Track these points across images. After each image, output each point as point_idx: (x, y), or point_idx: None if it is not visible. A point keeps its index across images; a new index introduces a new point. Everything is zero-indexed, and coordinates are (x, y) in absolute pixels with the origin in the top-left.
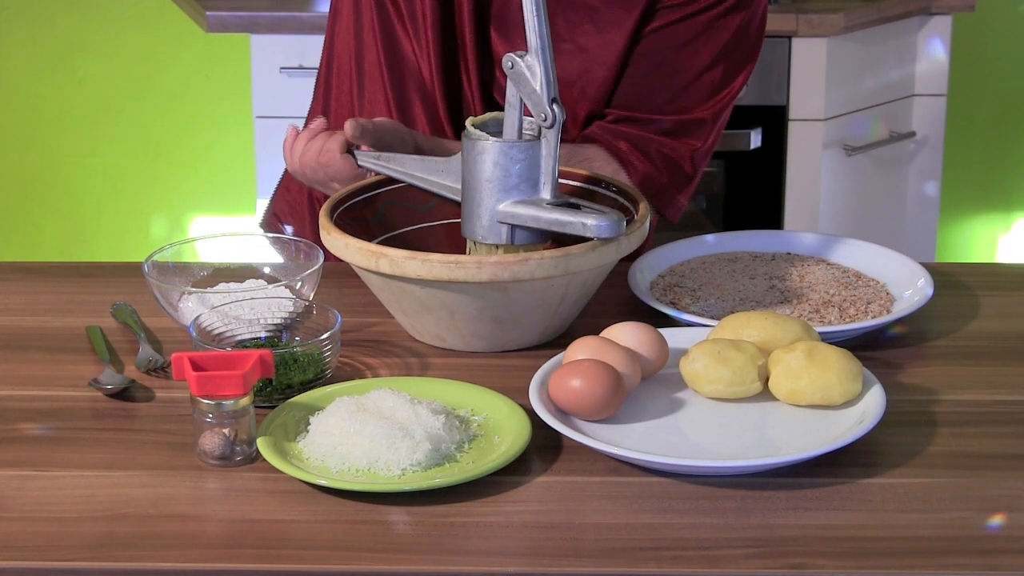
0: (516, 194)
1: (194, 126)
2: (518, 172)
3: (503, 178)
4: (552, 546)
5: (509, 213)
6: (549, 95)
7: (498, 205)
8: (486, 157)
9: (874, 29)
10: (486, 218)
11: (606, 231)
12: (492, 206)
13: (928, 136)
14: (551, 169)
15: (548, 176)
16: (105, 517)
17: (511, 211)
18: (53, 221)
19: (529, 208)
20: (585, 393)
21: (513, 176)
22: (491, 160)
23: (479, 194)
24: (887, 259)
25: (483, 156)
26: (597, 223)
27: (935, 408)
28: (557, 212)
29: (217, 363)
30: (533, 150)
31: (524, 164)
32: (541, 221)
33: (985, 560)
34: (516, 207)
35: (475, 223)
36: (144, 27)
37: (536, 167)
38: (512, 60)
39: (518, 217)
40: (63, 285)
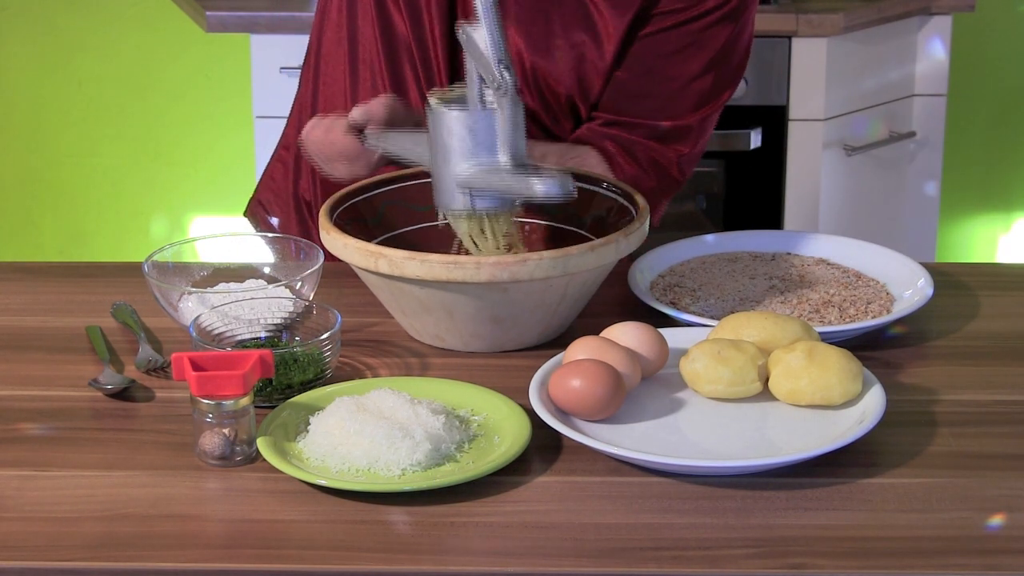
0: (476, 161)
1: (194, 126)
2: (474, 140)
3: (460, 146)
4: (552, 546)
5: (466, 179)
6: (497, 60)
7: (458, 172)
8: (443, 127)
9: (874, 29)
10: (448, 186)
11: (555, 191)
12: (453, 172)
13: (928, 136)
14: (508, 136)
15: (505, 142)
16: (105, 517)
17: (468, 177)
18: (53, 221)
19: (485, 174)
20: (585, 393)
21: (469, 143)
22: (447, 129)
23: (441, 163)
24: (887, 259)
25: (440, 126)
26: (545, 186)
27: (935, 408)
28: (509, 177)
29: (217, 363)
30: (488, 117)
31: (481, 131)
32: (495, 185)
33: (985, 560)
34: (473, 173)
35: (440, 192)
36: (144, 27)
37: (492, 134)
38: (464, 30)
39: (474, 183)
40: (63, 285)
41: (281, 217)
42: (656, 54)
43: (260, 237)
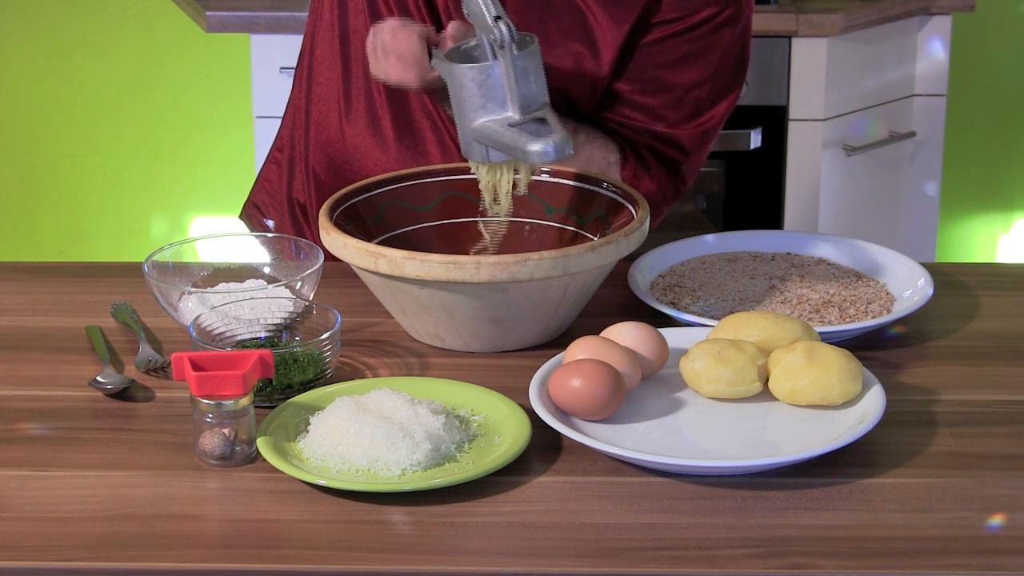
0: (484, 113)
1: (194, 126)
2: (483, 92)
3: (470, 98)
4: (552, 546)
5: (478, 131)
6: (491, 14)
7: (471, 124)
8: (453, 79)
9: (874, 29)
10: (466, 137)
11: (551, 155)
12: (467, 125)
13: (928, 136)
14: (515, 87)
15: (513, 94)
16: (105, 517)
17: (480, 129)
18: (53, 221)
19: (494, 127)
20: (585, 393)
21: (478, 96)
22: (456, 81)
23: (458, 114)
24: (887, 259)
25: (451, 78)
26: (542, 149)
27: (935, 408)
28: (510, 134)
29: (217, 363)
30: (493, 70)
31: (488, 83)
32: (499, 143)
33: (985, 560)
34: (485, 125)
35: (462, 142)
36: (144, 27)
37: (499, 86)
38: None
39: (484, 136)
40: (63, 285)
41: (276, 219)
42: (656, 64)
43: (260, 237)
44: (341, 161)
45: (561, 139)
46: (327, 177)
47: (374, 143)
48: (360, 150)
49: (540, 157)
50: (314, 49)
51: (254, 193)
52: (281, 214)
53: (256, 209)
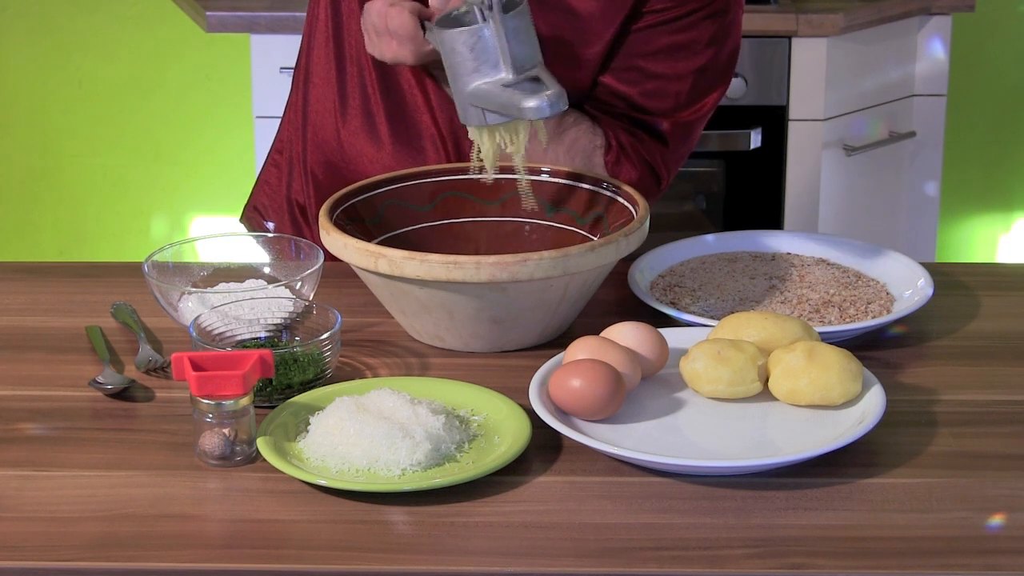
0: (478, 76)
1: (194, 126)
2: (475, 55)
3: (462, 63)
4: (552, 546)
5: (473, 94)
6: None
7: (466, 88)
8: (445, 45)
9: (874, 29)
10: (463, 101)
11: (546, 111)
12: (462, 90)
13: (928, 136)
14: (507, 48)
15: (505, 55)
16: (105, 517)
17: (476, 93)
18: (53, 221)
19: (489, 88)
20: (585, 393)
21: (471, 60)
22: (449, 47)
23: (453, 80)
24: (887, 259)
25: (443, 45)
26: (537, 104)
27: (935, 408)
28: (505, 93)
29: (217, 363)
30: (484, 32)
31: (480, 47)
32: (493, 103)
33: (985, 560)
34: (480, 88)
35: (459, 109)
36: (144, 27)
37: (491, 48)
38: None
39: (480, 98)
40: (63, 285)
41: (276, 221)
42: (638, 53)
43: (260, 237)
44: (338, 161)
45: (555, 94)
46: (325, 178)
47: (370, 142)
48: (356, 149)
49: (535, 113)
50: (310, 50)
51: (254, 196)
52: (281, 216)
53: (256, 212)
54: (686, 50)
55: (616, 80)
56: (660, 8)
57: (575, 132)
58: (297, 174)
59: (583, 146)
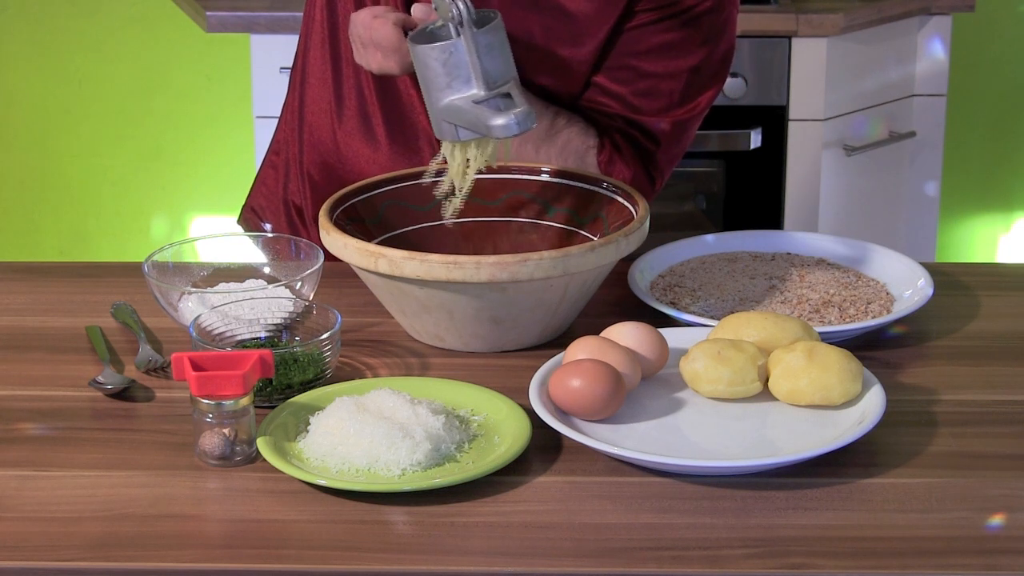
0: (450, 92)
1: (194, 126)
2: (447, 71)
3: (435, 78)
4: (552, 546)
5: (445, 110)
6: None
7: (439, 103)
8: (419, 60)
9: (874, 29)
10: (436, 116)
11: (513, 130)
12: (435, 105)
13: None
14: (478, 64)
15: (477, 71)
16: (105, 517)
17: (447, 108)
18: (53, 221)
19: (460, 104)
20: (585, 393)
21: (443, 75)
22: (422, 63)
23: (426, 95)
24: (887, 259)
25: (416, 59)
26: (504, 123)
27: (935, 408)
28: (474, 111)
29: (217, 363)
30: (455, 48)
31: (452, 62)
32: (464, 120)
33: (985, 560)
34: (451, 104)
35: (433, 123)
36: (144, 27)
37: (463, 64)
38: None
39: (451, 114)
40: (63, 285)
41: (273, 222)
42: (631, 52)
43: (260, 237)
44: (334, 162)
45: (523, 112)
46: (321, 179)
47: (366, 143)
48: (352, 150)
49: (503, 131)
50: (307, 52)
51: (251, 197)
52: (278, 217)
53: (253, 213)
54: (679, 48)
55: (609, 79)
56: (653, 7)
57: (567, 133)
58: (294, 175)
59: (576, 147)
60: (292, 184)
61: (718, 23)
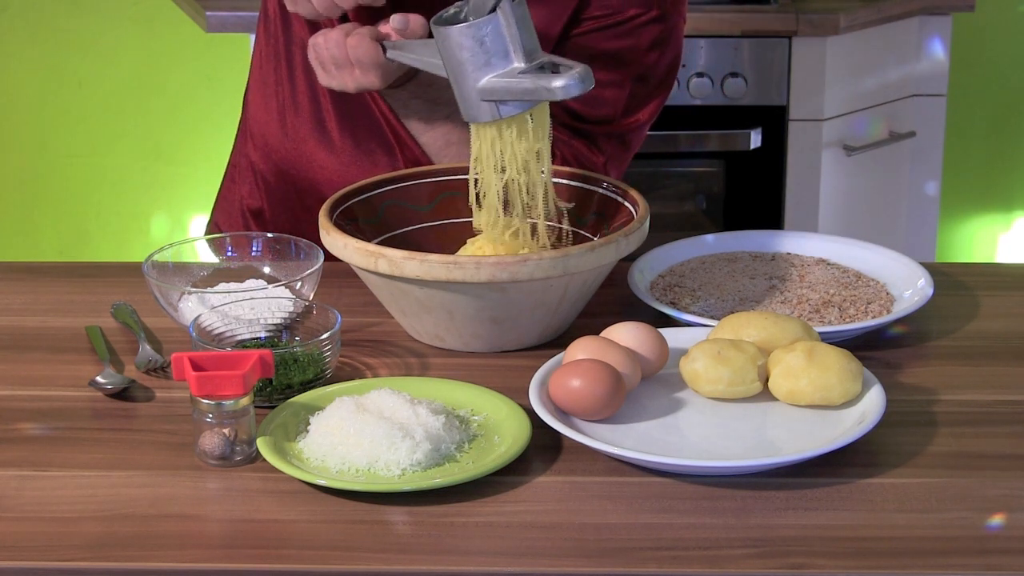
0: (489, 70)
1: (194, 126)
2: (485, 49)
3: (472, 58)
4: (552, 546)
5: (487, 89)
6: None
7: (477, 84)
8: (451, 43)
9: (874, 29)
10: (473, 99)
11: (575, 89)
12: (473, 86)
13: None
14: (516, 36)
15: (516, 44)
16: (105, 517)
17: (489, 87)
18: (53, 221)
19: (504, 80)
20: (585, 393)
21: (481, 54)
22: (456, 44)
23: (460, 78)
24: (887, 259)
25: (448, 43)
26: (564, 83)
27: (935, 408)
28: (527, 79)
29: (217, 363)
30: (493, 23)
31: (489, 39)
32: (514, 92)
33: (985, 560)
34: (493, 82)
35: (467, 107)
36: (144, 27)
37: (501, 39)
38: None
39: (495, 92)
40: (63, 285)
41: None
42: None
43: (260, 237)
44: (288, 166)
45: (583, 71)
46: (275, 181)
47: (320, 146)
48: (306, 155)
49: (564, 91)
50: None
51: (215, 213)
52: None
53: (217, 228)
54: (624, 57)
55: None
56: (599, 15)
57: None
58: (247, 179)
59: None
60: (245, 187)
61: (663, 31)
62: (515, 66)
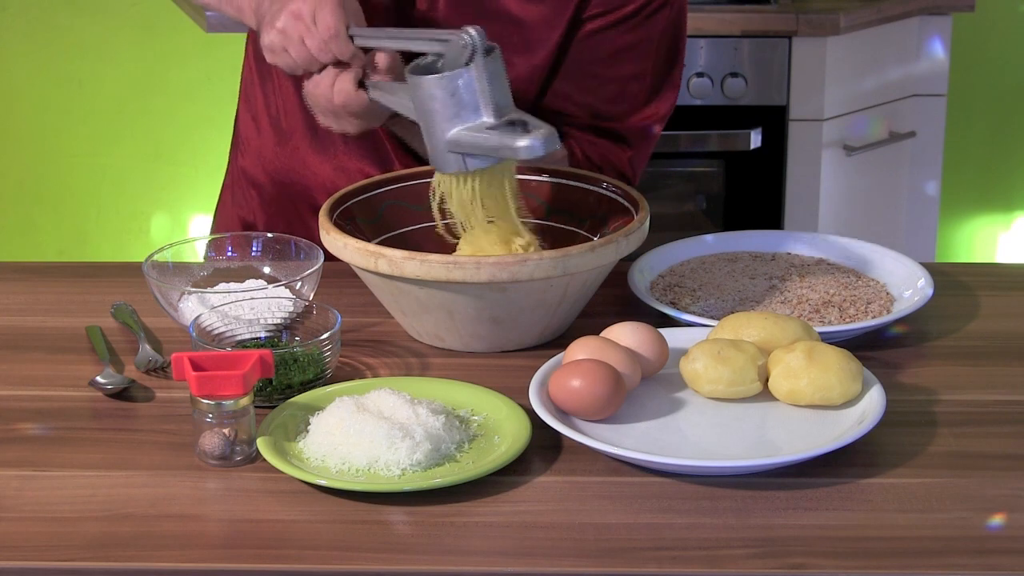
0: (459, 122)
1: (194, 126)
2: (456, 101)
3: (442, 109)
4: (552, 546)
5: (455, 141)
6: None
7: (446, 135)
8: (423, 92)
9: (874, 29)
10: (440, 149)
11: (539, 150)
12: (442, 137)
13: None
14: (488, 91)
15: (486, 98)
16: (105, 517)
17: (456, 139)
18: (53, 221)
19: (472, 133)
20: (585, 393)
21: (452, 105)
22: (428, 95)
23: (430, 127)
24: (887, 259)
25: (421, 92)
26: (529, 143)
27: (935, 408)
28: (494, 135)
29: (217, 363)
30: (465, 76)
31: (461, 91)
32: (481, 147)
33: (985, 560)
34: (461, 134)
35: (435, 156)
36: (144, 27)
37: (472, 92)
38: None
39: (462, 144)
40: (63, 285)
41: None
42: (592, 59)
43: (260, 237)
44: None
45: (547, 132)
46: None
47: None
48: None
49: (528, 152)
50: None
51: (216, 220)
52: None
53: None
54: (637, 50)
55: (575, 89)
56: (602, 11)
57: None
58: (240, 189)
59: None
60: (238, 197)
61: (672, 16)
62: (484, 120)
